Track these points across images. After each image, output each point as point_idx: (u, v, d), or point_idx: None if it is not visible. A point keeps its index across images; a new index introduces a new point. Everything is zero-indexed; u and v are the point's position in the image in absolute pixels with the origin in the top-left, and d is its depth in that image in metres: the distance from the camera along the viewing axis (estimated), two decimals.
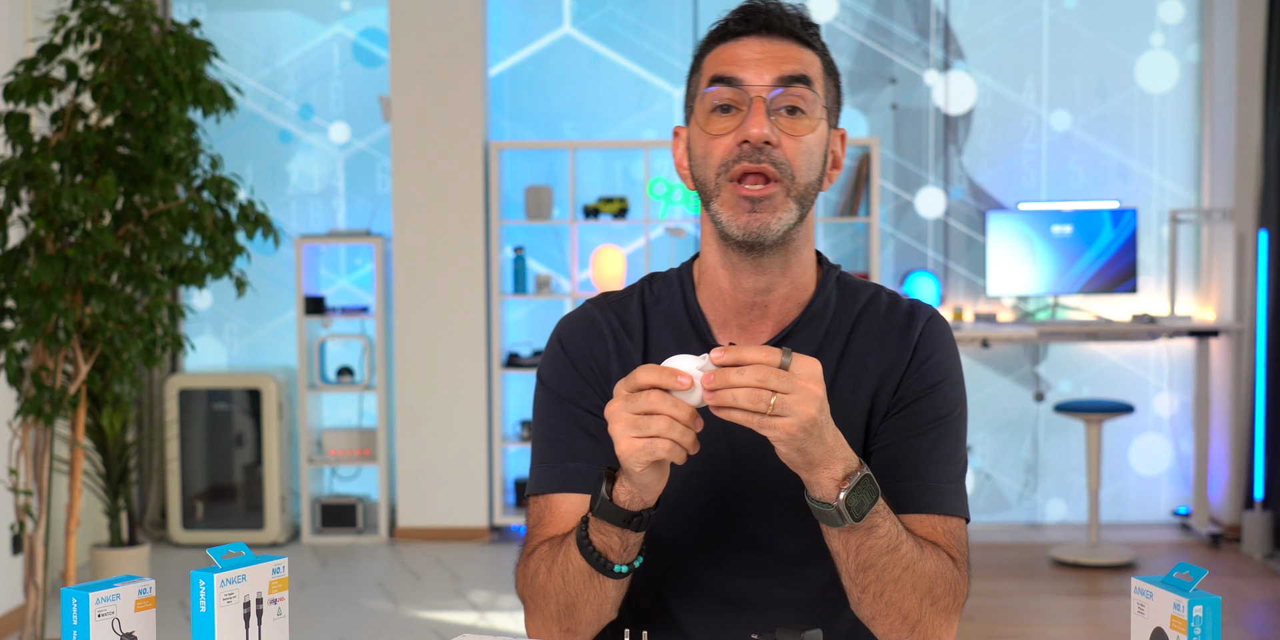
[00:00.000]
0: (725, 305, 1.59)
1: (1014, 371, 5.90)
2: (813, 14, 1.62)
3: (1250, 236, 5.51)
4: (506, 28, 5.94)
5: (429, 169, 5.66)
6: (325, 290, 5.96)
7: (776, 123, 1.50)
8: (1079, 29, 5.83)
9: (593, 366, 1.61)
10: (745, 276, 1.55)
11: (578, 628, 1.54)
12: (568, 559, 1.49)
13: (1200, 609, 1.28)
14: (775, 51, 1.52)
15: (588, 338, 1.62)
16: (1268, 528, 5.28)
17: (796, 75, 1.51)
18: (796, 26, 1.54)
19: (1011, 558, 5.38)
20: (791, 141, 1.50)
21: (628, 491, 1.41)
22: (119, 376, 3.94)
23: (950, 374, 1.60)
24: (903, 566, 1.46)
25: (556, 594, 1.51)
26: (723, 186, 1.51)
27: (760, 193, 1.49)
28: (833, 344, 1.58)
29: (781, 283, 1.57)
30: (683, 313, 1.61)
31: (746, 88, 1.50)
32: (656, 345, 1.61)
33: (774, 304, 1.57)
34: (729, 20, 1.55)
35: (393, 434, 5.82)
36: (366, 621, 4.54)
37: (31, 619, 3.80)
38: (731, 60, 1.52)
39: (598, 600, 1.50)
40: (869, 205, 5.63)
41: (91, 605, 1.34)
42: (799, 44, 1.53)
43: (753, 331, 1.59)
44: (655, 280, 1.66)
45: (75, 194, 3.58)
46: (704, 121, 1.53)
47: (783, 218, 1.50)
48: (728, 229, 1.51)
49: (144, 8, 3.90)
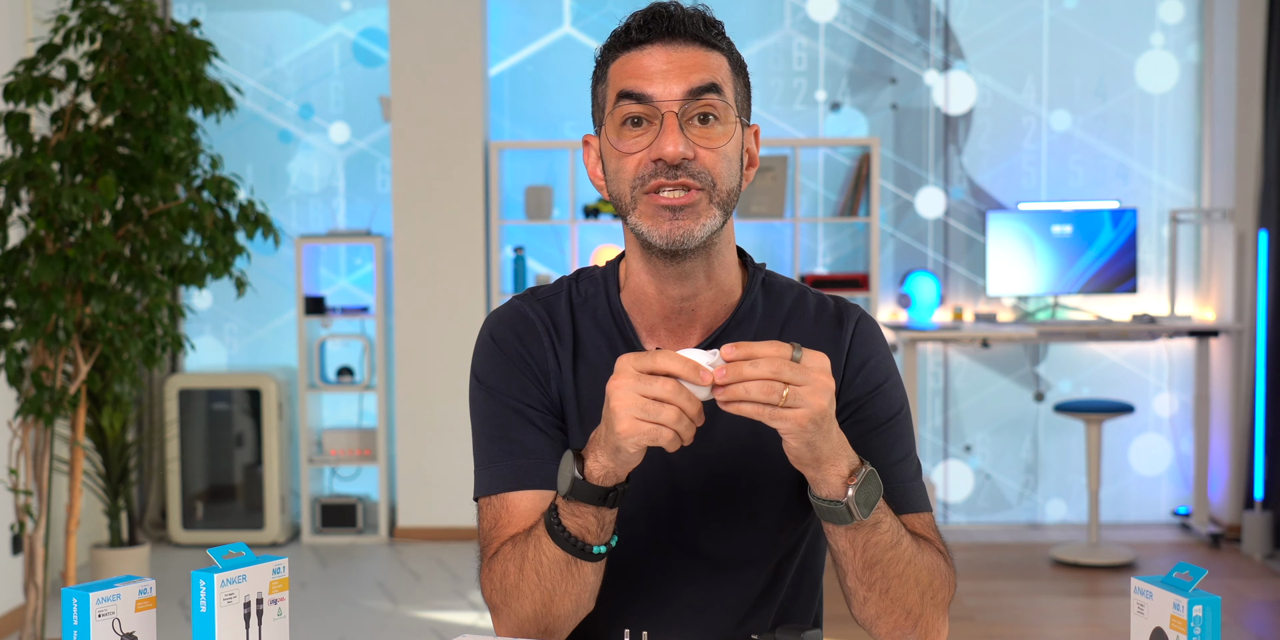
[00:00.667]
0: (652, 311, 1.57)
1: (1014, 371, 5.90)
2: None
3: (1250, 236, 5.51)
4: (506, 28, 5.94)
5: (429, 169, 5.66)
6: (325, 290, 5.96)
7: (690, 134, 1.48)
8: (1079, 29, 5.83)
9: (530, 362, 1.59)
10: (670, 284, 1.54)
11: (556, 624, 1.51)
12: (539, 552, 1.47)
13: (1200, 609, 1.28)
14: (681, 59, 1.49)
15: (521, 334, 1.60)
16: (1268, 528, 5.28)
17: (705, 85, 1.48)
18: (699, 29, 1.51)
19: (1011, 558, 5.38)
20: (708, 152, 1.48)
21: (602, 468, 1.40)
22: (119, 376, 3.94)
23: (891, 373, 1.61)
24: (905, 561, 1.47)
25: (531, 591, 1.48)
26: (639, 199, 1.49)
27: (681, 201, 1.47)
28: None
29: (706, 287, 1.55)
30: (608, 316, 1.60)
31: (657, 102, 1.48)
32: (587, 345, 1.60)
33: (701, 308, 1.57)
34: (630, 27, 1.51)
35: (393, 434, 5.82)
36: (366, 621, 4.54)
37: (31, 619, 3.80)
38: (637, 72, 1.49)
39: (576, 589, 1.48)
40: (869, 205, 5.63)
41: (92, 605, 1.34)
42: (704, 47, 1.50)
43: (681, 336, 1.58)
44: (581, 279, 1.64)
45: (75, 194, 3.58)
46: (615, 137, 1.50)
47: (706, 224, 1.49)
48: (650, 238, 1.49)
49: (144, 8, 3.90)
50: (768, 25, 5.85)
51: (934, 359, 5.89)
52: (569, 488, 1.42)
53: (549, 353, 1.59)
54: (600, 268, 1.65)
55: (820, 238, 5.89)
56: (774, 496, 1.58)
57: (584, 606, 1.51)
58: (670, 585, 1.60)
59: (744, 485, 1.58)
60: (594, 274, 1.64)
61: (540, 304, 1.62)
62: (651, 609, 1.60)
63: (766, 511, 1.58)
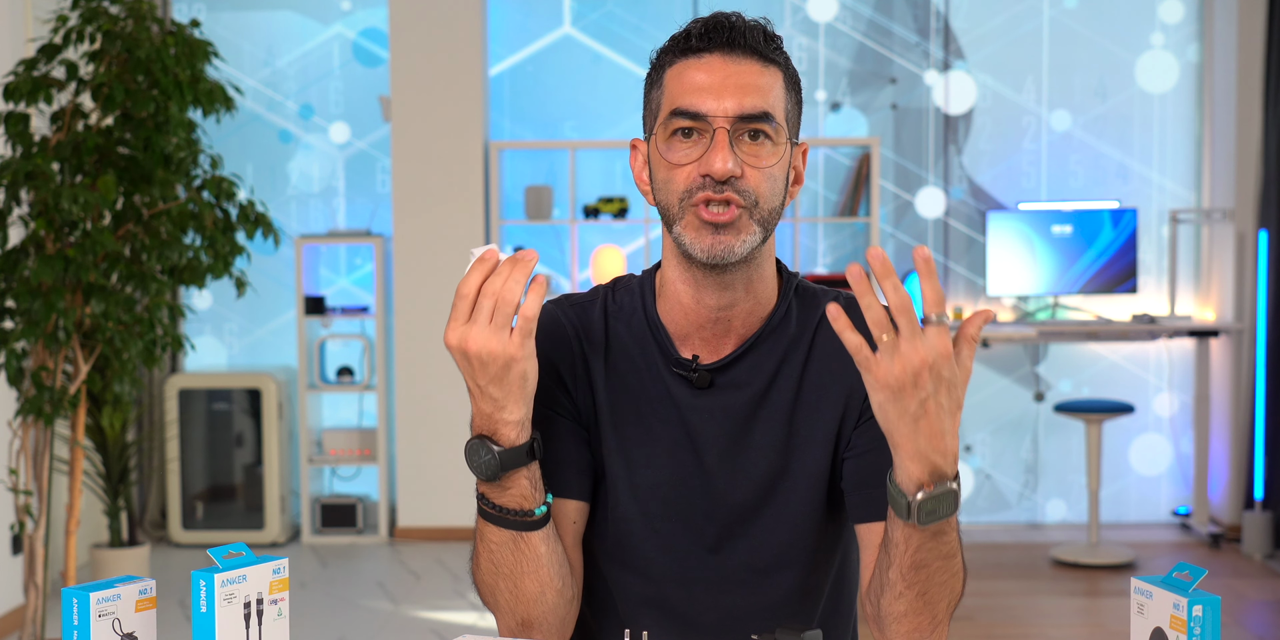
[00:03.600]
0: (688, 319, 1.57)
1: (1014, 371, 5.90)
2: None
3: (1250, 236, 5.51)
4: (506, 28, 5.94)
5: (429, 169, 5.66)
6: (325, 290, 5.96)
7: (739, 151, 1.48)
8: (1079, 29, 5.84)
9: (557, 366, 1.59)
10: (708, 293, 1.54)
11: (533, 611, 1.52)
12: (487, 544, 1.49)
13: (1200, 609, 1.28)
14: (739, 74, 1.49)
15: (552, 338, 1.60)
16: (1268, 528, 5.28)
17: (759, 112, 1.48)
18: (759, 43, 1.51)
19: (1011, 558, 5.38)
20: (755, 171, 1.49)
21: (513, 423, 1.43)
22: (119, 376, 3.94)
23: None
24: (951, 573, 1.45)
25: (496, 583, 1.51)
26: (686, 210, 1.50)
27: (724, 217, 1.48)
28: (795, 354, 1.58)
29: (744, 299, 1.56)
30: (643, 324, 1.60)
31: (709, 119, 1.48)
32: (617, 353, 1.60)
33: (737, 319, 1.57)
34: (690, 34, 1.52)
35: (393, 434, 5.82)
36: (366, 621, 4.54)
37: (31, 619, 3.80)
38: (693, 86, 1.49)
39: (533, 566, 1.49)
40: (869, 205, 5.63)
41: (92, 605, 1.34)
42: (761, 61, 1.51)
43: (716, 345, 1.58)
44: (618, 288, 1.65)
45: (75, 194, 3.58)
46: (664, 147, 1.51)
47: (746, 240, 1.49)
48: (691, 251, 1.50)
49: (144, 8, 3.90)
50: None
51: None
52: (499, 462, 1.44)
53: (578, 359, 1.59)
54: (637, 277, 1.65)
55: (820, 237, 5.89)
56: (809, 499, 1.57)
57: (548, 585, 1.51)
58: (708, 591, 1.59)
59: (783, 487, 1.57)
60: (630, 284, 1.64)
61: (574, 310, 1.62)
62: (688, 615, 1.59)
63: (803, 514, 1.57)
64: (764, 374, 1.56)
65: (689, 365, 1.56)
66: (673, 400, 1.56)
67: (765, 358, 1.57)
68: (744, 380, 1.56)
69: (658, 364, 1.57)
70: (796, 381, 1.56)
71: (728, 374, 1.56)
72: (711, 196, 1.47)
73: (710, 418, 1.56)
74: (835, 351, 1.56)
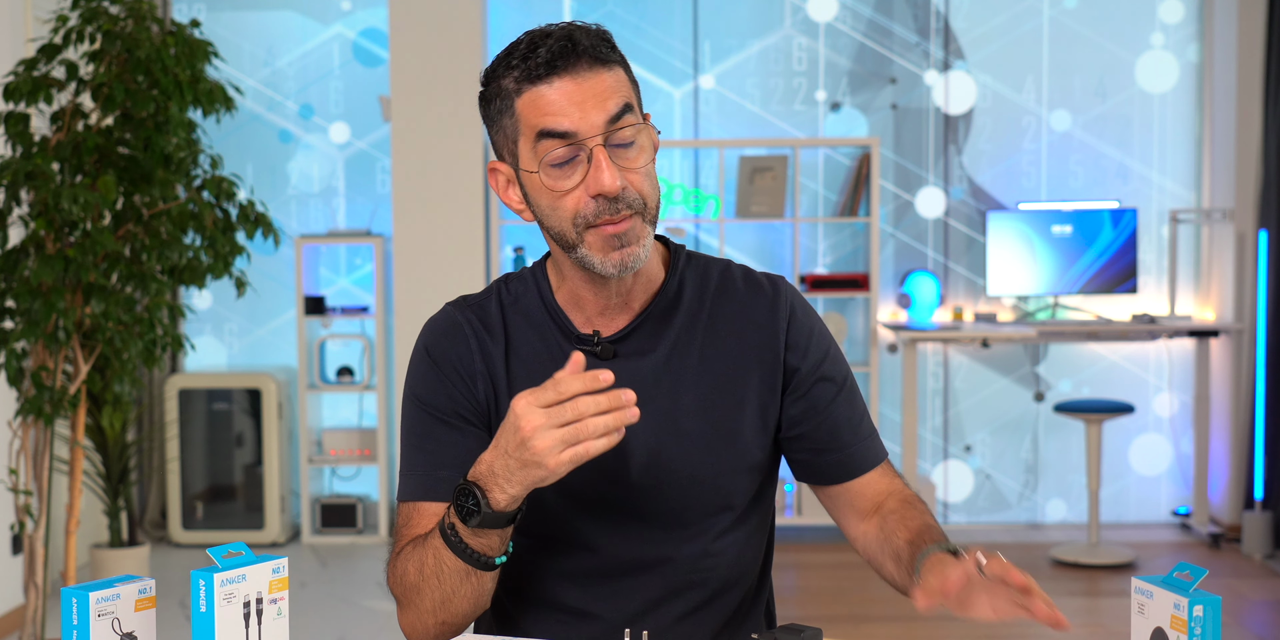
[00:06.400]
0: (587, 307, 1.64)
1: (1014, 371, 5.90)
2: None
3: (1250, 236, 5.51)
4: (506, 28, 5.94)
5: (429, 169, 5.66)
6: (325, 290, 5.96)
7: (617, 162, 1.51)
8: (1079, 29, 5.83)
9: (459, 369, 1.64)
10: (609, 286, 1.61)
11: (453, 620, 1.58)
12: (440, 562, 1.52)
13: (1200, 609, 1.28)
14: (592, 87, 1.51)
15: (452, 340, 1.66)
16: (1268, 528, 5.28)
17: (620, 109, 1.51)
18: (601, 52, 1.52)
19: (1011, 558, 5.35)
20: (635, 175, 1.53)
21: (510, 498, 1.45)
22: (119, 376, 3.94)
23: (832, 339, 1.71)
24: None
25: (431, 591, 1.55)
26: (585, 234, 1.53)
27: (623, 228, 1.52)
28: (695, 321, 1.65)
29: (637, 280, 1.63)
30: (541, 312, 1.66)
31: (582, 139, 1.50)
32: (519, 342, 1.65)
33: (635, 298, 1.64)
34: (538, 62, 1.50)
35: (393, 434, 5.82)
36: (366, 621, 4.54)
37: (31, 619, 3.80)
38: (551, 110, 1.50)
39: (474, 594, 1.55)
40: (869, 205, 5.62)
41: (91, 605, 1.34)
42: (604, 67, 1.53)
43: (613, 321, 1.64)
44: (510, 281, 1.71)
45: (75, 194, 3.58)
46: (546, 177, 1.53)
47: (646, 243, 1.55)
48: (602, 269, 1.55)
49: (144, 8, 3.90)
50: (768, 25, 5.85)
51: (934, 359, 5.89)
52: (480, 518, 1.46)
53: (475, 355, 1.64)
54: (527, 269, 1.71)
55: (820, 238, 5.89)
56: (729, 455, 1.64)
57: (482, 606, 1.58)
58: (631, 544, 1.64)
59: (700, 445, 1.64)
60: (523, 275, 1.70)
61: (470, 309, 1.68)
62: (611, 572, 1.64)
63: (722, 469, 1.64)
64: (665, 341, 1.63)
65: (591, 340, 1.62)
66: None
67: (662, 326, 1.63)
68: (646, 347, 1.63)
69: (559, 345, 1.63)
70: (700, 346, 1.63)
71: (629, 343, 1.63)
72: (611, 219, 1.51)
73: (619, 386, 1.56)
74: (740, 318, 1.65)
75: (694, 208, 5.79)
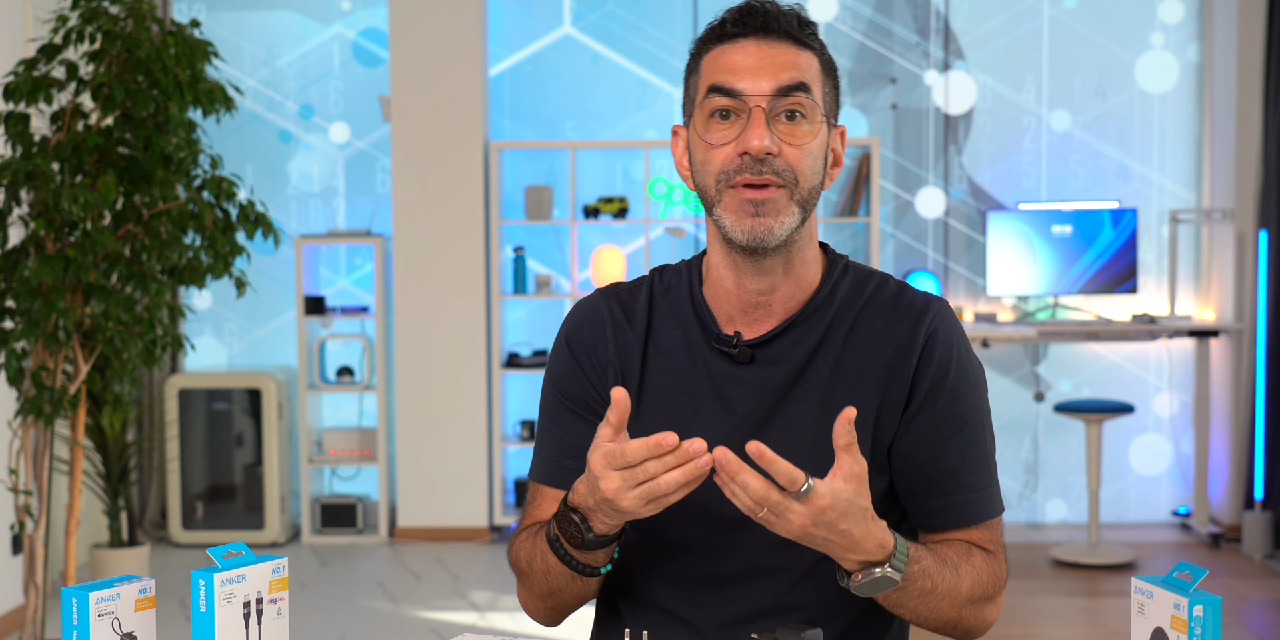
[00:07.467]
0: (730, 302, 1.60)
1: (1014, 371, 5.90)
2: (811, 13, 1.63)
3: (1250, 236, 5.51)
4: (506, 28, 5.94)
5: (429, 169, 5.66)
6: (325, 290, 5.96)
7: (776, 130, 1.50)
8: (1079, 29, 5.83)
9: (592, 358, 1.64)
10: (748, 278, 1.57)
11: (561, 607, 1.63)
12: (547, 564, 1.55)
13: (1200, 609, 1.28)
14: (773, 56, 1.51)
15: (591, 327, 1.65)
16: (1268, 528, 5.28)
17: (795, 83, 1.50)
18: (794, 27, 1.53)
19: (1011, 558, 5.38)
20: (793, 149, 1.51)
21: (609, 526, 1.46)
22: (119, 376, 3.94)
23: (967, 375, 1.59)
24: (939, 597, 1.51)
25: (540, 582, 1.59)
26: (724, 192, 1.52)
27: (763, 195, 1.50)
28: (835, 333, 1.59)
29: (784, 283, 1.58)
30: (688, 305, 1.63)
31: (745, 98, 1.50)
32: (660, 333, 1.63)
33: (777, 303, 1.59)
34: (725, 21, 1.54)
35: (393, 434, 5.82)
36: (366, 621, 4.54)
37: (31, 619, 3.80)
38: (729, 67, 1.52)
39: (580, 591, 1.59)
40: (869, 205, 5.63)
41: (91, 605, 1.34)
42: (796, 45, 1.53)
43: (757, 325, 1.60)
44: (666, 271, 1.69)
45: (75, 194, 3.58)
46: (703, 129, 1.53)
47: (785, 222, 1.51)
48: (731, 234, 1.52)
49: (144, 8, 3.90)
50: None
51: None
52: (584, 542, 1.48)
53: (610, 345, 1.63)
54: (685, 261, 1.69)
55: (820, 238, 5.88)
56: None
57: (588, 599, 1.61)
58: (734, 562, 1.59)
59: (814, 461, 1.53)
60: (679, 267, 1.68)
61: (616, 297, 1.67)
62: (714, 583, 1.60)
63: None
64: (803, 351, 1.58)
65: (730, 341, 1.59)
66: (712, 375, 1.59)
67: (805, 336, 1.58)
68: (783, 357, 1.58)
69: (700, 342, 1.61)
70: (834, 360, 1.57)
71: (767, 350, 1.59)
72: (750, 180, 1.50)
73: (747, 392, 1.58)
74: (878, 333, 1.58)
75: (695, 208, 5.79)
